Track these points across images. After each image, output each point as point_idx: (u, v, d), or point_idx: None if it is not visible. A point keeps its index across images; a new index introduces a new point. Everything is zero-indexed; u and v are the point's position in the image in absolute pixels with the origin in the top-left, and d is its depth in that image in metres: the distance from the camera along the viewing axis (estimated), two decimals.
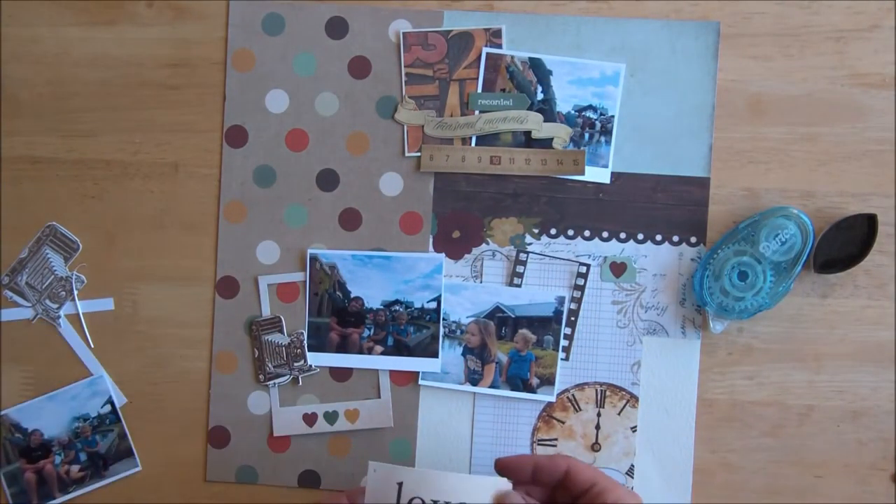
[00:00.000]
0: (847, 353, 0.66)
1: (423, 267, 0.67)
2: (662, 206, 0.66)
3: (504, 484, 0.53)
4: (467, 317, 0.67)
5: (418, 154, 0.67)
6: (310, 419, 0.67)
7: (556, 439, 0.67)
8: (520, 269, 0.67)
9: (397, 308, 0.67)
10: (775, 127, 0.66)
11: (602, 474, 0.53)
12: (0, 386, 0.68)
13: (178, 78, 0.68)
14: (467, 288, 0.67)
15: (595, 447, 0.67)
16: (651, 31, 0.66)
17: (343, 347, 0.67)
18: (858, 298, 0.66)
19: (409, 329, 0.67)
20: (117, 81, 0.68)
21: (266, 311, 0.68)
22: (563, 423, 0.67)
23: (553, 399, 0.67)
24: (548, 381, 0.66)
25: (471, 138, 0.66)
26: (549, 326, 0.66)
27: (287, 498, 0.68)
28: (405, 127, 0.67)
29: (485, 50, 0.66)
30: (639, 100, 0.66)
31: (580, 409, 0.67)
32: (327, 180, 0.67)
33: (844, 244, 0.64)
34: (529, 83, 0.66)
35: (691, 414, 0.66)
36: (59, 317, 0.67)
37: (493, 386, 0.67)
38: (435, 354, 0.67)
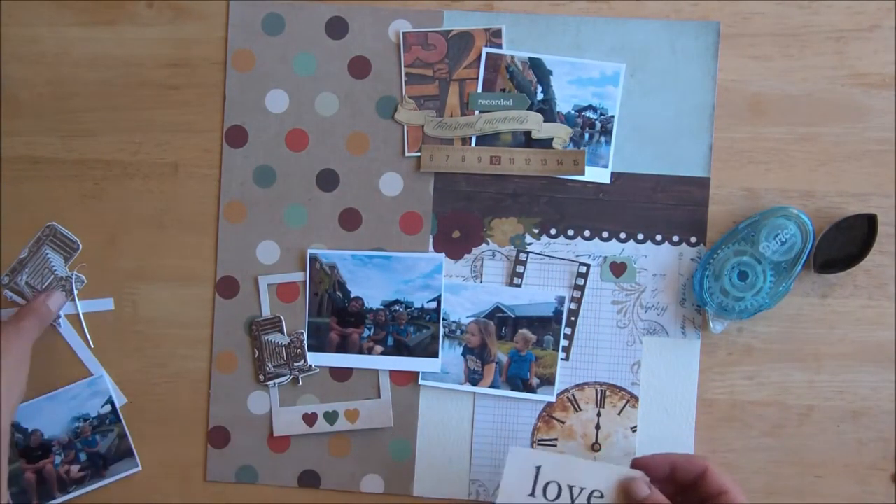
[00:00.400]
0: (847, 353, 0.66)
1: (423, 267, 0.67)
2: (662, 206, 0.66)
3: (629, 478, 0.55)
4: (467, 317, 0.67)
5: (418, 154, 0.67)
6: (310, 419, 0.67)
7: (556, 439, 0.67)
8: (520, 269, 0.67)
9: (397, 308, 0.67)
10: (775, 127, 0.66)
11: (736, 485, 0.54)
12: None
13: (178, 78, 0.68)
14: (467, 288, 0.67)
15: (595, 447, 0.67)
16: (651, 31, 0.66)
17: (343, 347, 0.67)
18: (858, 298, 0.66)
19: (409, 329, 0.67)
20: (117, 81, 0.68)
21: (266, 311, 0.68)
22: (563, 423, 0.67)
23: (553, 399, 0.67)
24: (548, 381, 0.66)
25: (471, 138, 0.66)
26: (549, 326, 0.66)
27: (287, 498, 0.68)
28: (405, 127, 0.67)
29: (485, 50, 0.66)
30: (639, 100, 0.66)
31: (580, 409, 0.67)
32: (327, 180, 0.67)
33: (844, 244, 0.64)
34: (529, 83, 0.66)
35: (691, 414, 0.66)
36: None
37: (493, 386, 0.67)
38: (435, 354, 0.67)
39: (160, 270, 0.68)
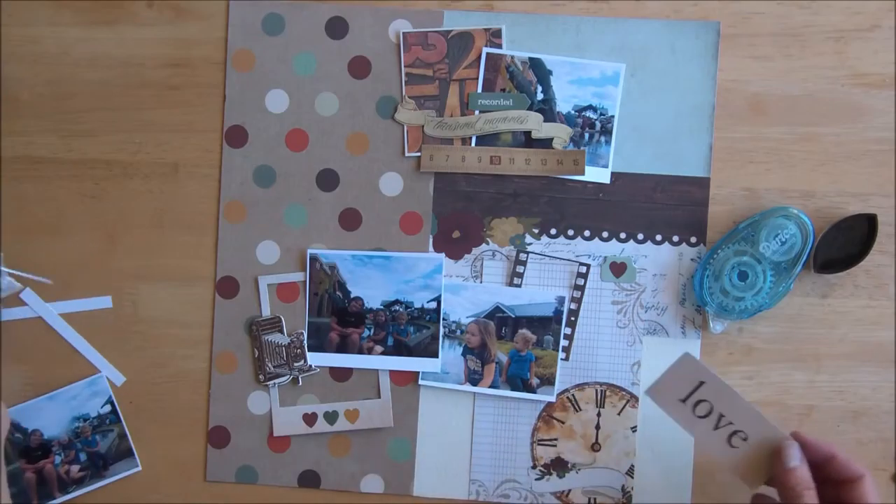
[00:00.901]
0: (847, 353, 0.66)
1: (423, 267, 0.67)
2: (662, 206, 0.66)
3: (788, 441, 0.55)
4: (467, 317, 0.67)
5: (418, 154, 0.67)
6: (310, 419, 0.67)
7: (556, 439, 0.67)
8: (520, 269, 0.67)
9: (397, 308, 0.67)
10: (775, 127, 0.66)
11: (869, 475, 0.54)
12: (0, 386, 0.68)
13: (178, 78, 0.68)
14: (467, 288, 0.67)
15: (595, 447, 0.67)
16: (651, 31, 0.66)
17: (343, 347, 0.67)
18: (858, 298, 0.66)
19: (409, 329, 0.67)
20: (117, 81, 0.68)
21: (266, 311, 0.68)
22: (563, 423, 0.67)
23: (553, 399, 0.67)
24: (548, 381, 0.66)
25: (471, 138, 0.66)
26: (549, 326, 0.66)
27: (287, 498, 0.68)
28: (405, 127, 0.67)
29: (485, 50, 0.66)
30: (639, 100, 0.66)
31: (580, 409, 0.67)
32: (327, 180, 0.67)
33: (844, 244, 0.64)
34: (529, 83, 0.66)
35: None
36: None
37: (493, 386, 0.67)
38: (435, 354, 0.67)
39: (160, 270, 0.68)
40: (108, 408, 0.68)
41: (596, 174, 0.66)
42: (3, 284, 0.65)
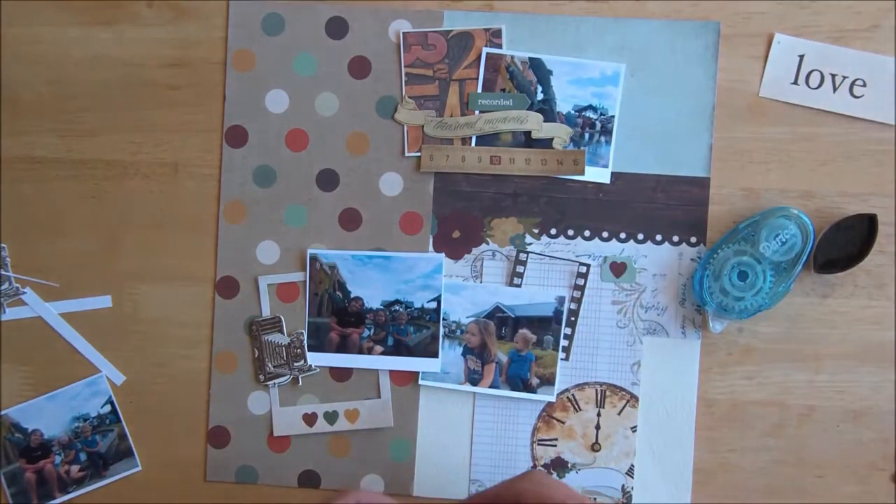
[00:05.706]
0: (847, 353, 0.66)
1: (423, 267, 0.67)
2: (662, 206, 0.66)
3: None
4: (467, 317, 0.67)
5: (418, 154, 0.67)
6: (310, 419, 0.67)
7: (556, 439, 0.67)
8: (520, 269, 0.67)
9: (397, 308, 0.67)
10: (775, 127, 0.66)
11: None
12: (0, 386, 0.68)
13: (178, 78, 0.68)
14: (467, 288, 0.67)
15: (595, 447, 0.67)
16: (651, 31, 0.66)
17: (343, 347, 0.67)
18: (858, 298, 0.66)
19: (409, 329, 0.67)
20: (117, 81, 0.68)
21: (266, 311, 0.68)
22: (563, 423, 0.67)
23: (553, 399, 0.67)
24: (548, 381, 0.66)
25: (471, 138, 0.66)
26: (549, 326, 0.66)
27: (287, 498, 0.68)
28: (405, 127, 0.67)
29: (485, 50, 0.66)
30: (639, 100, 0.66)
31: (580, 409, 0.67)
32: (327, 180, 0.67)
33: (844, 244, 0.64)
34: (529, 83, 0.66)
35: (691, 414, 0.66)
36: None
37: (493, 386, 0.67)
38: (435, 354, 0.67)
39: (160, 270, 0.68)
40: (108, 408, 0.68)
41: (596, 174, 0.66)
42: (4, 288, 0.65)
